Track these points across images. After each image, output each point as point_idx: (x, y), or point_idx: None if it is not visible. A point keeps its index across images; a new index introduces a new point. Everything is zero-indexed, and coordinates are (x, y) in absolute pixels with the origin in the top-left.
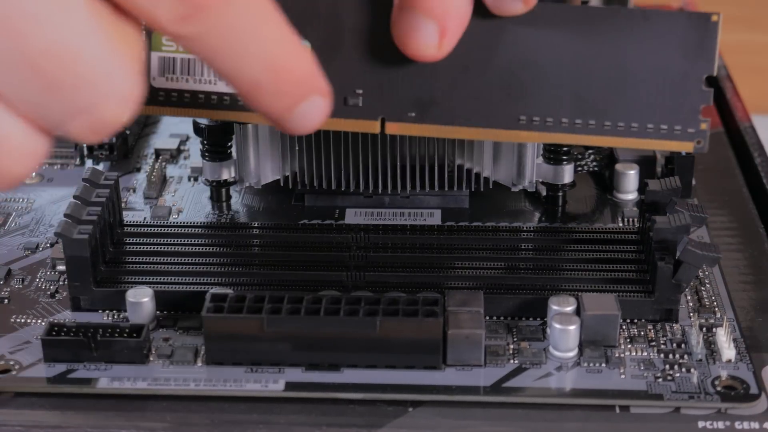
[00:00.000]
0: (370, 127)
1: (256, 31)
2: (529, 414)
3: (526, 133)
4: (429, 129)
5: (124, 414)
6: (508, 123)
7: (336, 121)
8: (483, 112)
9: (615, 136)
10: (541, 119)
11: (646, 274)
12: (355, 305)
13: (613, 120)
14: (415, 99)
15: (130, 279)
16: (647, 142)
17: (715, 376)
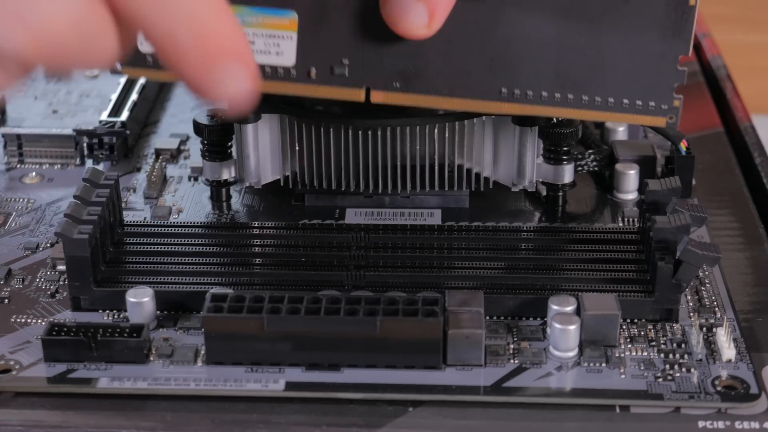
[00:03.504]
0: (355, 96)
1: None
2: (529, 414)
3: (507, 104)
4: (413, 98)
5: (125, 414)
6: (489, 95)
7: (322, 89)
8: (466, 84)
9: (592, 110)
10: (521, 92)
11: (647, 274)
12: (355, 305)
13: (591, 94)
14: (400, 70)
15: (130, 279)
16: (622, 116)
17: (715, 375)
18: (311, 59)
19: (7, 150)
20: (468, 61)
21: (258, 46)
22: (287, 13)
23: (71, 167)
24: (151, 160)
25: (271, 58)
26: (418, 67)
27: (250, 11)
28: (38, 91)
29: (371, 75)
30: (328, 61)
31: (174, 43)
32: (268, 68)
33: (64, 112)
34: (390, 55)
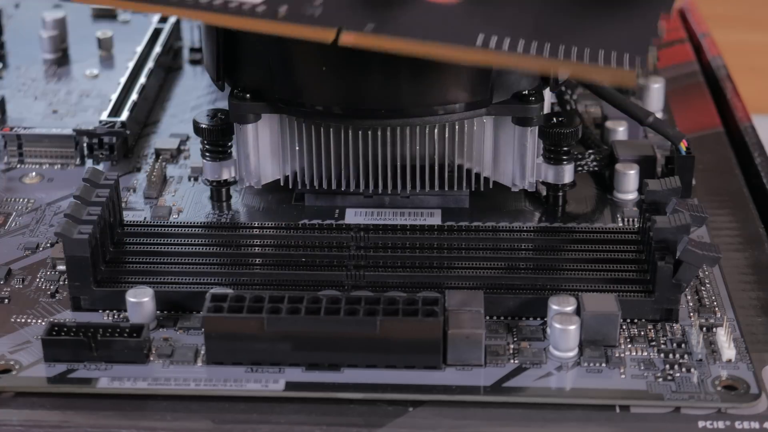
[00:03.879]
0: (325, 36)
1: None
2: (529, 414)
3: (483, 53)
4: (385, 42)
5: (125, 414)
6: (465, 41)
7: (289, 27)
8: (441, 29)
9: (567, 61)
10: (498, 39)
11: (646, 274)
12: (355, 305)
13: (569, 44)
14: (373, 12)
15: (130, 279)
16: (594, 69)
17: (715, 375)
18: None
19: (7, 150)
20: (446, 8)
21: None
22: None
23: (71, 167)
24: (151, 160)
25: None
26: (393, 10)
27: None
28: (38, 91)
29: (343, 15)
30: (300, 1)
31: None
32: (232, 3)
33: (64, 112)
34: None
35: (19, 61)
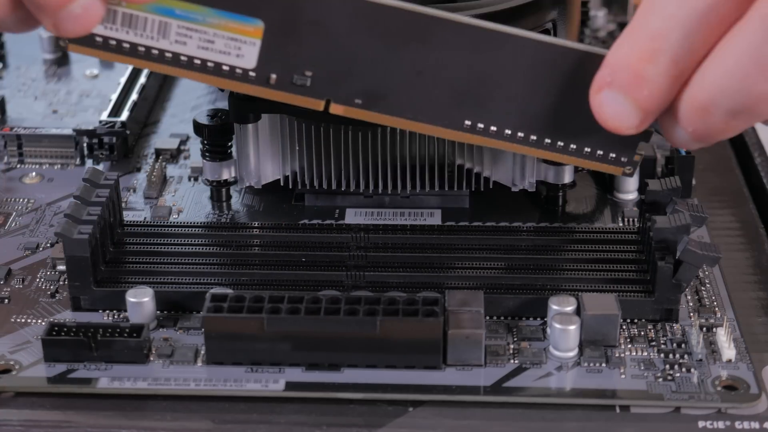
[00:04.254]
0: (314, 105)
1: None
2: (529, 414)
3: (469, 135)
4: (374, 116)
5: (125, 414)
6: (453, 125)
7: (279, 94)
8: (430, 111)
9: (553, 152)
10: (485, 127)
11: (647, 274)
12: (355, 305)
13: (554, 139)
14: (364, 89)
15: (130, 279)
16: (582, 162)
17: (715, 376)
18: (273, 66)
19: (7, 150)
20: (435, 92)
21: (218, 46)
22: (253, 21)
23: (71, 167)
24: (151, 160)
25: (230, 59)
26: (384, 90)
27: (214, 12)
28: (38, 91)
29: (333, 90)
30: (291, 71)
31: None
32: (226, 67)
33: (64, 112)
34: (356, 74)
35: (19, 61)
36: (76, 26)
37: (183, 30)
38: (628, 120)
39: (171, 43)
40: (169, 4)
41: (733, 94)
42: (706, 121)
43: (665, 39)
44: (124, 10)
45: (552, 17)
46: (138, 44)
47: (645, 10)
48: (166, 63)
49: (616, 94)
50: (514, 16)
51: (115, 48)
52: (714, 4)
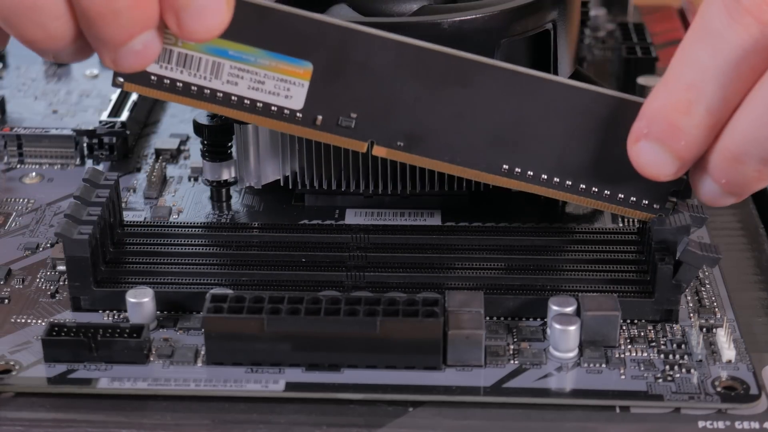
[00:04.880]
0: (358, 147)
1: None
2: (529, 414)
3: (506, 180)
4: (414, 159)
5: (125, 414)
6: (490, 168)
7: (325, 135)
8: (469, 154)
9: (588, 197)
10: (522, 171)
11: (646, 274)
12: (355, 305)
13: (589, 185)
14: (406, 131)
15: (130, 279)
16: (615, 208)
17: (715, 376)
18: (319, 107)
19: (7, 150)
20: (474, 135)
21: (267, 87)
22: (302, 63)
23: (71, 167)
24: (151, 160)
25: (279, 99)
26: (425, 132)
27: (266, 54)
28: (38, 91)
29: (376, 132)
30: (336, 113)
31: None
32: (274, 107)
33: (64, 112)
34: (399, 116)
35: (19, 61)
36: (135, 62)
37: (235, 71)
38: (665, 169)
39: (223, 84)
40: (223, 45)
41: (764, 142)
42: (739, 170)
43: (699, 90)
44: (180, 49)
45: (552, 18)
46: (191, 83)
47: (679, 61)
48: (217, 102)
49: (654, 144)
50: (514, 16)
51: (169, 87)
52: (745, 54)
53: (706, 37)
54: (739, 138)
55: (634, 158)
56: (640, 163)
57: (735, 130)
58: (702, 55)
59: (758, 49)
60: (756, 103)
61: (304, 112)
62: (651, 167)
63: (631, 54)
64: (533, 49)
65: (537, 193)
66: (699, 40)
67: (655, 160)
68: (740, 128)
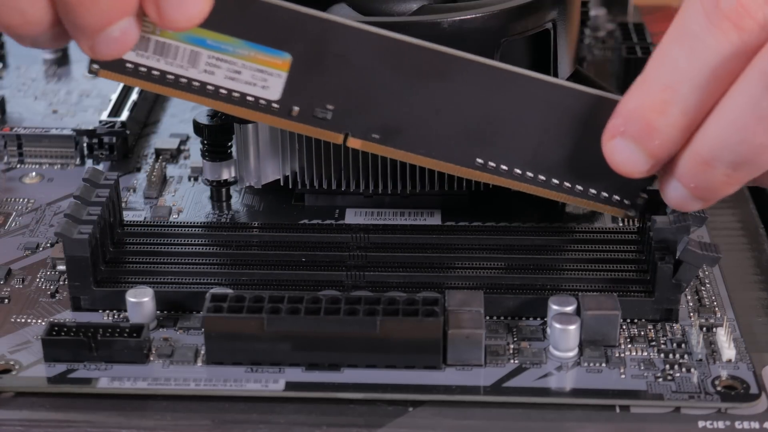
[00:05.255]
0: (333, 138)
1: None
2: (529, 414)
3: (480, 173)
4: (389, 151)
5: (125, 414)
6: (465, 162)
7: (300, 126)
8: (443, 148)
9: (560, 193)
10: (496, 165)
11: (646, 274)
12: (355, 305)
13: (561, 180)
14: (382, 124)
15: (130, 279)
16: (587, 203)
17: (715, 376)
18: (296, 98)
19: (7, 150)
20: (449, 129)
21: (245, 77)
22: (281, 54)
23: (71, 167)
24: (151, 160)
25: (255, 89)
26: (400, 125)
27: (245, 44)
28: (38, 91)
29: (352, 124)
30: (313, 104)
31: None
32: (250, 97)
33: (64, 112)
34: (375, 109)
35: (19, 61)
36: (113, 49)
37: (213, 60)
38: (639, 166)
39: (199, 73)
40: (201, 34)
41: (734, 147)
42: (708, 175)
43: (675, 92)
44: (158, 38)
45: (552, 17)
46: (167, 72)
47: (656, 61)
48: (193, 92)
49: (629, 142)
50: (514, 16)
51: (145, 75)
52: (722, 58)
53: (684, 39)
54: (710, 142)
55: (609, 155)
56: (614, 160)
57: (706, 135)
58: (679, 58)
59: (735, 53)
60: (728, 107)
61: (280, 103)
62: (625, 164)
63: (631, 54)
64: (533, 49)
65: (511, 187)
66: (677, 42)
67: (629, 158)
68: (711, 133)
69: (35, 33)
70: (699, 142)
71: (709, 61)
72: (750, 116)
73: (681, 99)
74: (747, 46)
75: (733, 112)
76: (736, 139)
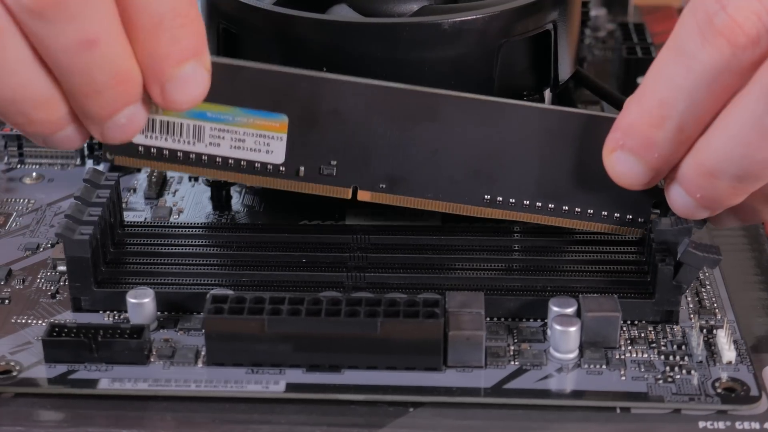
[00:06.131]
0: (342, 193)
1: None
2: (529, 415)
3: (490, 210)
4: (399, 199)
5: (125, 415)
6: (473, 200)
7: (310, 186)
8: (450, 189)
9: (572, 219)
10: (504, 199)
11: (647, 275)
12: (355, 306)
13: (571, 205)
14: (386, 174)
15: (130, 280)
16: (601, 226)
17: (715, 377)
18: (300, 159)
19: (7, 150)
20: (452, 169)
21: (248, 144)
22: (278, 116)
23: (71, 167)
24: None
25: (260, 155)
26: (404, 172)
27: (242, 112)
28: None
29: (358, 176)
30: (317, 162)
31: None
32: (258, 164)
33: None
34: (377, 159)
35: None
36: (122, 135)
37: (216, 132)
38: (639, 178)
39: (206, 146)
40: (201, 107)
41: (738, 161)
42: (714, 186)
43: (672, 107)
44: (162, 117)
45: (552, 18)
46: (176, 150)
47: (653, 77)
48: (203, 166)
49: (628, 155)
50: (515, 17)
51: (156, 155)
52: (718, 75)
53: (680, 56)
54: (714, 155)
55: (609, 168)
56: (615, 173)
57: (710, 147)
58: (675, 74)
59: (731, 70)
60: (730, 122)
61: (286, 165)
62: (626, 176)
63: (632, 54)
64: (533, 50)
65: (523, 220)
66: (673, 58)
67: (630, 170)
68: (715, 145)
69: (45, 133)
70: (703, 153)
71: (705, 77)
72: (752, 132)
73: (678, 114)
74: (742, 62)
75: (735, 128)
76: (739, 154)
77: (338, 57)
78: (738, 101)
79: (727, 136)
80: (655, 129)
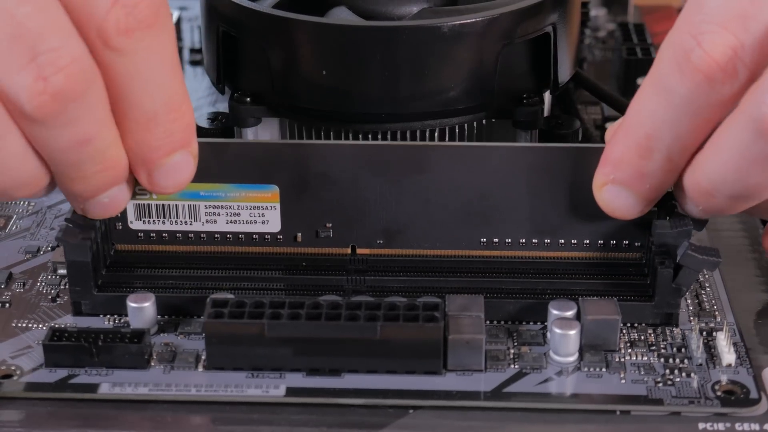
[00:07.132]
0: (342, 252)
1: (169, 64)
2: (529, 418)
3: (489, 252)
4: (398, 252)
5: (126, 419)
6: (470, 245)
7: (309, 250)
8: (446, 237)
9: (569, 251)
10: (500, 240)
11: (647, 278)
12: (355, 310)
13: (567, 238)
14: (382, 229)
15: (131, 284)
16: (599, 255)
17: (715, 380)
18: (296, 225)
19: None
20: (446, 217)
21: (244, 217)
22: (269, 187)
23: None
24: None
25: (257, 226)
26: (400, 225)
27: (234, 187)
28: None
29: (355, 235)
30: (313, 226)
31: (154, 122)
32: (255, 235)
33: None
34: (371, 215)
35: None
36: (103, 212)
37: (211, 209)
38: (634, 209)
39: (203, 224)
40: (193, 188)
41: (731, 184)
42: (712, 202)
43: (658, 139)
44: (156, 201)
45: (552, 21)
46: (174, 231)
47: (636, 111)
48: (203, 243)
49: (620, 188)
50: (514, 19)
51: (156, 239)
52: (698, 108)
53: (661, 92)
54: (708, 176)
55: (602, 202)
56: (608, 207)
57: (704, 169)
58: (657, 109)
59: (710, 103)
60: (720, 150)
61: (283, 233)
62: (620, 209)
63: (632, 55)
64: (533, 53)
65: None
66: (654, 94)
67: (625, 203)
68: (708, 168)
69: (26, 195)
70: (699, 174)
71: (686, 111)
72: (742, 160)
73: (665, 146)
74: (722, 95)
75: (725, 155)
76: (731, 179)
77: (338, 60)
78: (726, 130)
79: (718, 162)
80: (645, 161)
